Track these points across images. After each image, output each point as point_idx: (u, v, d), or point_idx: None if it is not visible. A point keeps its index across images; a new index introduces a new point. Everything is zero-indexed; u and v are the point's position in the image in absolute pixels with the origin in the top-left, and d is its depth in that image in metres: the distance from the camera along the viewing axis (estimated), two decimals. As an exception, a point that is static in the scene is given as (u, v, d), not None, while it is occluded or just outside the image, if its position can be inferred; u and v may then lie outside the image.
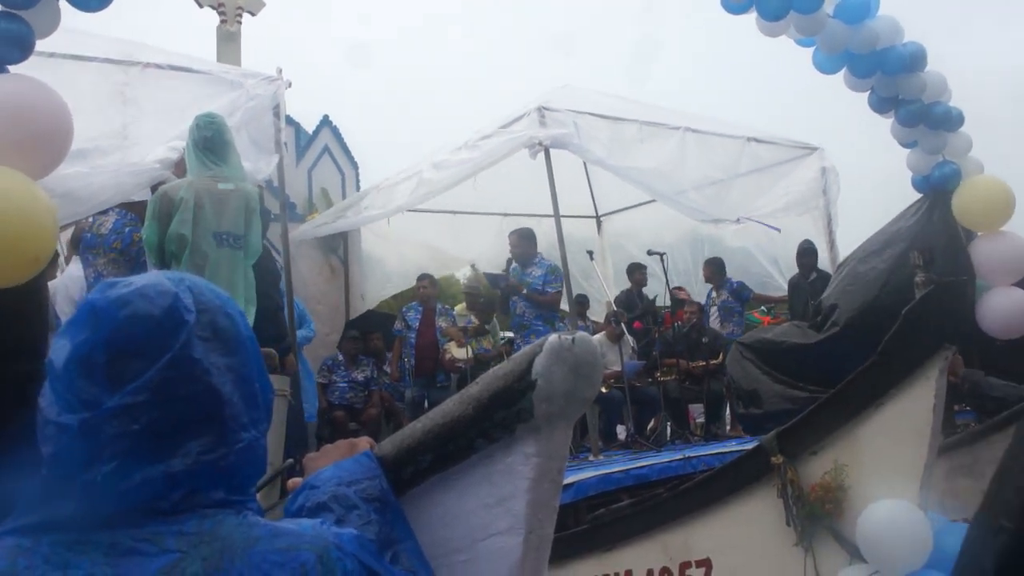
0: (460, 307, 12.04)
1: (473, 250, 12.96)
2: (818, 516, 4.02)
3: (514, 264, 9.79)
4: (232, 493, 1.39)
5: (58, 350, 1.34)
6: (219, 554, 1.29)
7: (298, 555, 1.33)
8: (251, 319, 6.01)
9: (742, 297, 11.75)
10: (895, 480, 3.90)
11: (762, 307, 12.62)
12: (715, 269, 11.72)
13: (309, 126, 11.94)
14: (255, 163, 7.27)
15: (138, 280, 1.40)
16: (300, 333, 9.08)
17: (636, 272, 11.92)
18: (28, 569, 1.26)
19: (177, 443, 1.33)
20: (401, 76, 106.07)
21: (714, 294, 11.67)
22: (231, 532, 1.33)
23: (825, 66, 6.68)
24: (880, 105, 6.71)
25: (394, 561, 1.53)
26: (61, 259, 7.40)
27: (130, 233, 6.31)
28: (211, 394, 1.37)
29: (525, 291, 9.39)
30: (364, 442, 1.78)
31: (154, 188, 6.23)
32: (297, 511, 1.59)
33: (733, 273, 11.88)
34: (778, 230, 11.23)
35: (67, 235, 7.16)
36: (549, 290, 9.28)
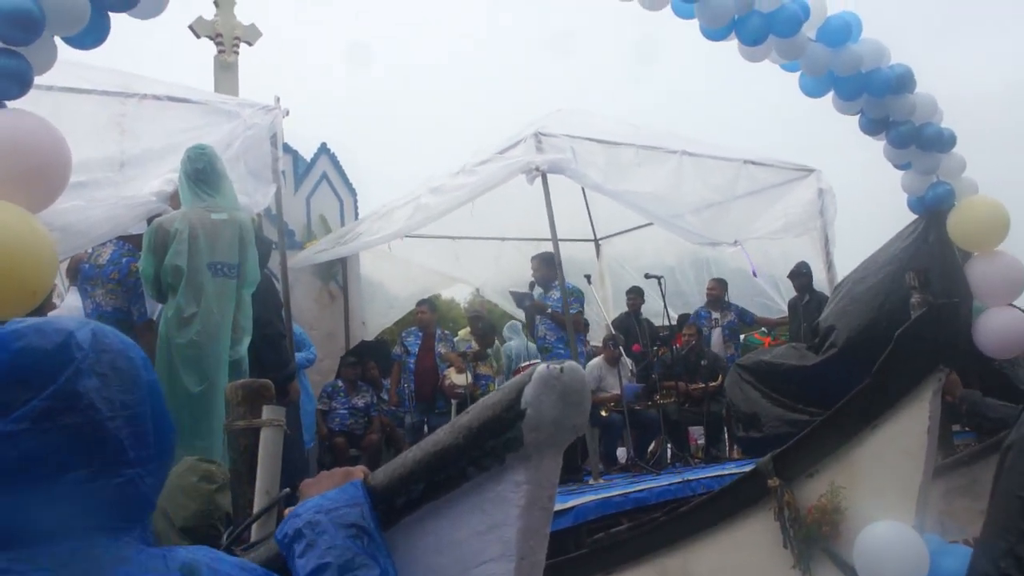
0: (464, 331, 12.08)
1: (473, 275, 13.02)
2: (815, 538, 4.03)
3: (537, 288, 9.89)
4: (110, 522, 1.43)
5: None
6: (83, 574, 1.33)
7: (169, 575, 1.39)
8: (245, 348, 6.05)
9: (745, 320, 11.80)
10: (891, 501, 3.92)
11: (763, 328, 12.65)
12: (723, 289, 11.76)
13: (307, 152, 11.98)
14: (253, 193, 7.30)
15: (41, 320, 1.48)
16: (300, 355, 9.12)
17: (631, 296, 11.95)
18: None
19: (54, 472, 1.37)
20: (400, 99, 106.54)
21: (717, 315, 11.66)
22: (100, 553, 1.37)
23: (811, 90, 6.70)
24: (871, 127, 6.74)
25: None
26: (61, 288, 7.42)
27: (127, 264, 6.34)
28: (92, 428, 1.40)
29: (550, 310, 9.48)
30: (359, 471, 1.82)
31: (150, 220, 6.27)
32: (282, 538, 1.65)
33: (733, 294, 11.93)
34: (754, 274, 11.32)
35: (64, 266, 7.18)
36: (570, 311, 9.30)
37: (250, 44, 10.40)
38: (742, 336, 12.30)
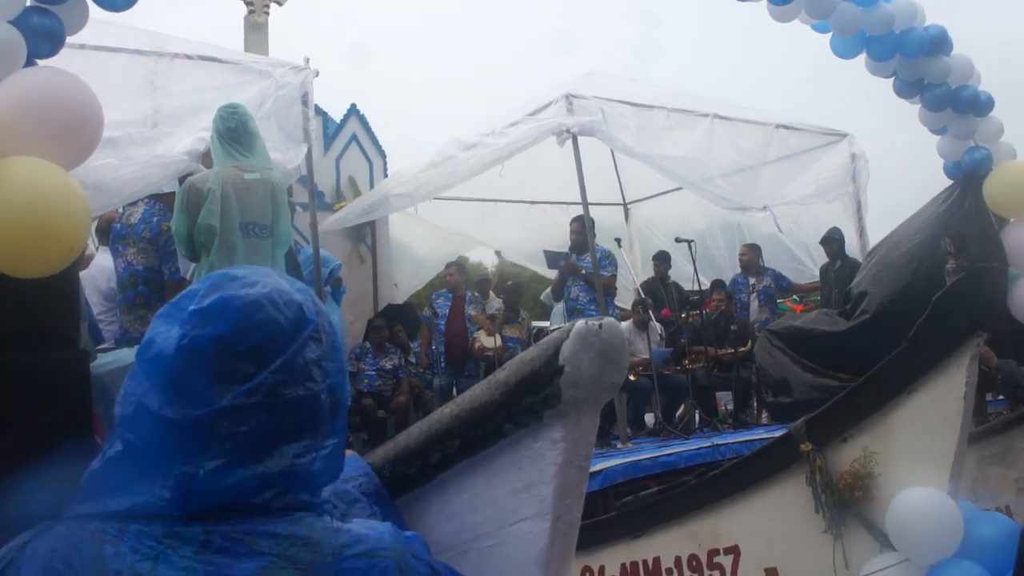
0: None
1: (497, 238, 13.00)
2: (847, 503, 4.00)
3: (573, 252, 9.89)
4: (313, 495, 1.42)
5: (165, 337, 1.35)
6: (310, 561, 1.31)
7: (379, 563, 1.36)
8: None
9: (781, 285, 11.70)
10: (925, 468, 3.88)
11: (794, 296, 12.56)
12: (756, 254, 11.66)
13: (336, 114, 11.93)
14: (285, 153, 7.28)
15: (264, 279, 1.43)
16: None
17: (657, 261, 11.89)
18: (116, 557, 1.28)
19: (276, 446, 1.36)
20: (428, 64, 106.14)
21: (753, 280, 11.56)
22: (320, 538, 1.35)
23: (843, 51, 6.58)
24: (905, 90, 6.62)
25: None
26: (92, 247, 7.44)
27: (159, 223, 6.33)
28: (311, 400, 1.40)
29: (584, 271, 9.48)
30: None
31: (182, 179, 6.26)
32: None
33: (766, 259, 11.83)
34: (779, 229, 11.21)
35: (94, 225, 7.20)
36: (604, 273, 9.31)
37: (280, 4, 10.35)
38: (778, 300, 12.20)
